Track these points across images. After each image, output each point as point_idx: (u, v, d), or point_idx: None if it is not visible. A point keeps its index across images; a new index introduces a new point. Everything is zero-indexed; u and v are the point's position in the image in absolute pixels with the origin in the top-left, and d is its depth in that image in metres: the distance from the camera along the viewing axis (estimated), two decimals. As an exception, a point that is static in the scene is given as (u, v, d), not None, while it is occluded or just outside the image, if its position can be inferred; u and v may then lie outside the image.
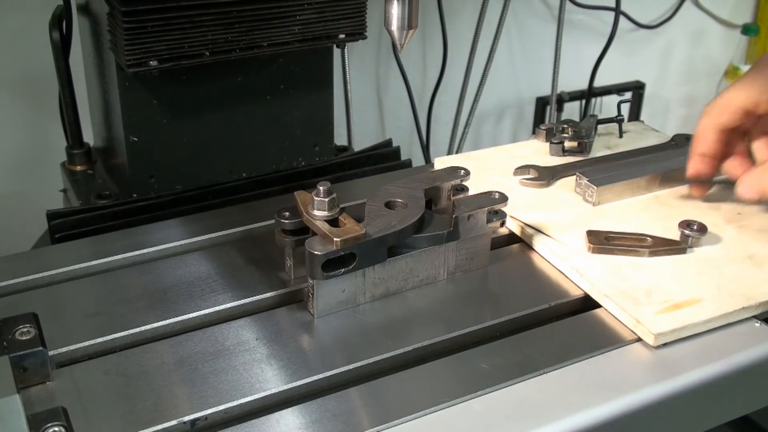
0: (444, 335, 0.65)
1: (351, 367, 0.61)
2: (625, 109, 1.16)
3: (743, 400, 0.66)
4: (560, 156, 0.90)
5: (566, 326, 0.67)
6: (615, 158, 0.89)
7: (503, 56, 1.67)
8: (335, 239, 0.63)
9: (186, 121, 0.91)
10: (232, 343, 0.64)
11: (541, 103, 1.77)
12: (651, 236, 0.74)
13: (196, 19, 0.83)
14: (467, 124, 1.59)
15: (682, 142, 0.91)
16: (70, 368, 0.61)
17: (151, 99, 0.88)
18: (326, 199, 0.66)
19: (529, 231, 0.76)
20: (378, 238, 0.65)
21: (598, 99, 1.71)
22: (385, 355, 0.62)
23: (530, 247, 0.76)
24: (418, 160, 1.43)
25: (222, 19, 0.84)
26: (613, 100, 1.27)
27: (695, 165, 0.79)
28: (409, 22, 0.63)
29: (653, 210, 0.80)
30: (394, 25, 0.63)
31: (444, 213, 0.72)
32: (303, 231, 0.68)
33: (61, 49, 0.97)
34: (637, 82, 1.78)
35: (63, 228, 0.85)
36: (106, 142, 1.00)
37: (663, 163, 0.85)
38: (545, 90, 1.69)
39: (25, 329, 0.60)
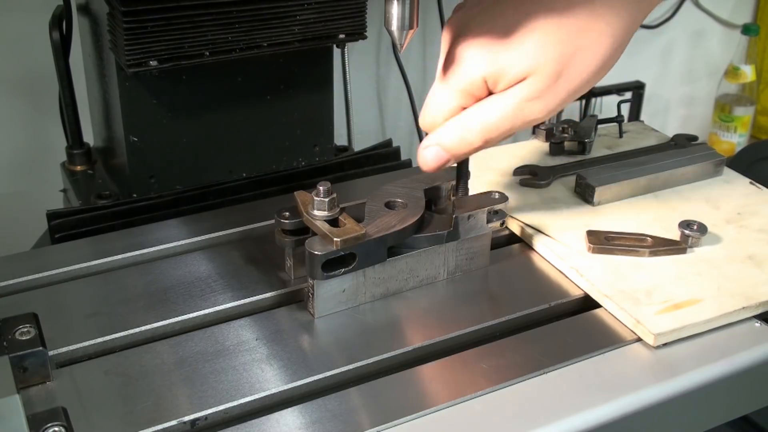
0: (444, 335, 0.65)
1: (351, 367, 0.61)
2: (625, 109, 1.16)
3: (743, 400, 0.66)
4: (560, 156, 0.90)
5: (566, 326, 0.66)
6: (615, 158, 0.89)
7: (503, 56, 1.66)
8: (335, 239, 0.63)
9: (186, 121, 0.91)
10: (232, 343, 0.64)
11: (541, 103, 1.76)
12: (651, 236, 0.74)
13: (196, 19, 0.83)
14: (467, 124, 1.59)
15: (682, 142, 0.91)
16: (70, 368, 0.61)
17: (151, 99, 0.88)
18: (326, 199, 0.66)
19: (529, 231, 0.76)
20: (378, 238, 0.65)
21: (598, 99, 1.71)
22: (385, 355, 0.62)
23: (530, 247, 0.76)
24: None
25: (222, 19, 0.84)
26: (613, 100, 1.27)
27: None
28: (409, 22, 0.63)
29: (653, 210, 0.80)
30: (394, 25, 0.63)
31: (444, 213, 0.72)
32: (303, 231, 0.68)
33: (61, 49, 0.97)
34: (637, 82, 1.78)
35: (63, 228, 0.85)
36: (106, 142, 1.00)
37: (663, 163, 0.85)
38: (545, 90, 1.68)
39: (25, 329, 0.60)
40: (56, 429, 0.53)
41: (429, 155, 0.65)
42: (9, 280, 0.71)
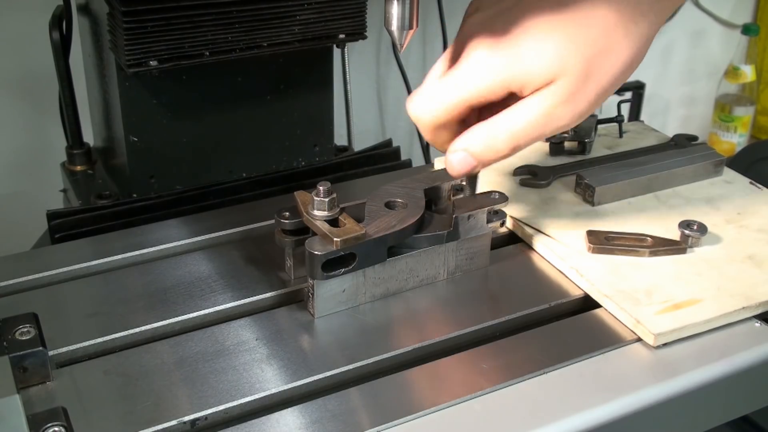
0: (444, 335, 0.65)
1: (351, 367, 0.61)
2: (625, 109, 1.16)
3: (743, 400, 0.66)
4: (560, 156, 0.90)
5: (566, 326, 0.66)
6: (615, 158, 0.89)
7: (503, 56, 1.66)
8: (335, 239, 0.63)
9: (186, 121, 0.91)
10: (232, 343, 0.64)
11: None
12: (651, 236, 0.74)
13: (196, 19, 0.83)
14: (467, 124, 1.59)
15: (682, 142, 0.91)
16: (70, 368, 0.61)
17: (151, 99, 0.88)
18: (326, 199, 0.66)
19: (529, 231, 0.76)
20: (378, 238, 0.65)
21: (598, 99, 1.71)
22: (385, 355, 0.62)
23: (530, 247, 0.76)
24: (418, 160, 1.43)
25: (222, 19, 0.84)
26: (613, 100, 1.27)
27: None
28: (409, 22, 0.63)
29: (653, 210, 0.80)
30: (394, 25, 0.63)
31: (444, 213, 0.72)
32: (303, 231, 0.68)
33: (61, 49, 0.97)
34: (637, 82, 1.78)
35: (63, 228, 0.85)
36: (106, 142, 1.00)
37: (663, 163, 0.85)
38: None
39: (25, 329, 0.60)
40: (56, 429, 0.53)
41: (456, 160, 0.63)
42: (9, 280, 0.71)
